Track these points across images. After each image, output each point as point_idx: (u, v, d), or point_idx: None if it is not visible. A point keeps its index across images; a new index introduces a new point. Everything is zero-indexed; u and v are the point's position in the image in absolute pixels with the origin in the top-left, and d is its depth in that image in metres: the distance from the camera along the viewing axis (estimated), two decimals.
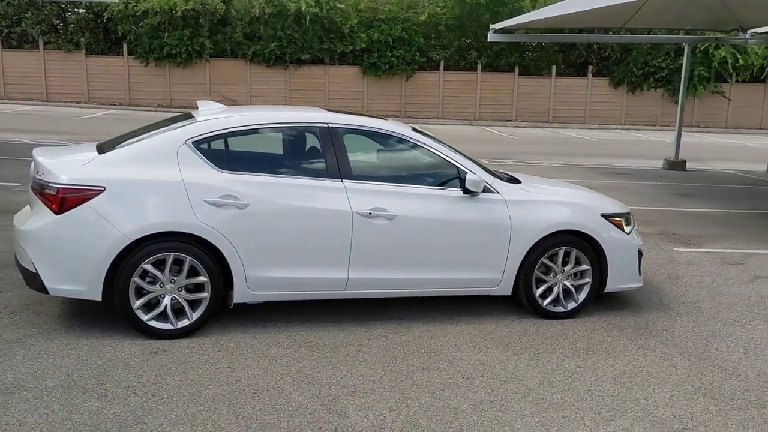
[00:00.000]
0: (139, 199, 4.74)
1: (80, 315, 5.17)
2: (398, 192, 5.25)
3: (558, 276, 5.58)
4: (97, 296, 4.72)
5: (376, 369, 4.53)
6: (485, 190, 5.37)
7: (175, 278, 4.81)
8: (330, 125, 5.26)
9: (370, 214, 5.08)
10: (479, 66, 28.67)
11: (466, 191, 5.30)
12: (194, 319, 4.88)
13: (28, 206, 5.34)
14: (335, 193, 5.08)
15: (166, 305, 4.82)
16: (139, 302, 4.76)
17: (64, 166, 4.83)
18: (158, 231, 4.70)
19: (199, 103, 5.74)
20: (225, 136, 5.10)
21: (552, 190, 5.92)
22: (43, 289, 4.73)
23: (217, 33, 26.73)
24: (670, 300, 6.22)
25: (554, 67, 29.16)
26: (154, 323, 4.81)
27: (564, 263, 5.59)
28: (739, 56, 28.93)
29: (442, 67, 28.47)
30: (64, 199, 4.63)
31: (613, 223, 5.70)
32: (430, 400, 4.13)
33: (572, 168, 15.37)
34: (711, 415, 4.09)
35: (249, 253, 4.88)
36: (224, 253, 4.84)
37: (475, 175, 5.34)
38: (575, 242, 5.56)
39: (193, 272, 4.84)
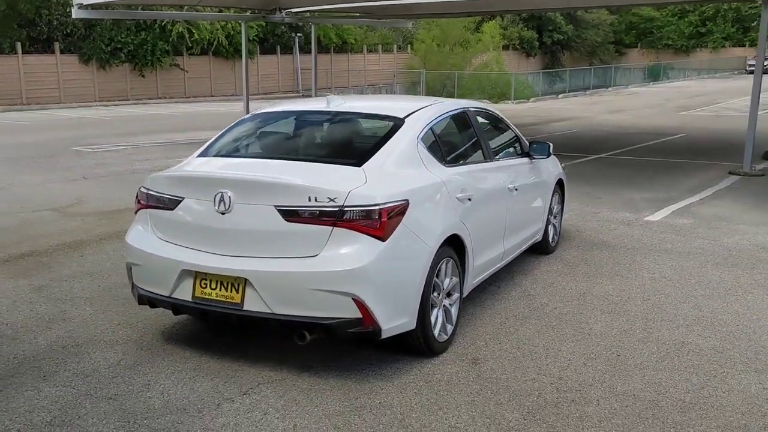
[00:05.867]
0: (427, 207, 4.26)
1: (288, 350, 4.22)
2: (511, 165, 5.76)
3: (555, 216, 6.88)
4: (413, 325, 4.09)
5: (599, 352, 5.13)
6: None
7: (443, 285, 4.47)
8: (469, 110, 5.38)
9: (516, 189, 5.52)
10: None
11: (548, 156, 6.14)
12: (455, 322, 4.62)
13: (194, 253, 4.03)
14: (496, 173, 5.35)
15: (442, 315, 4.45)
16: (432, 318, 4.30)
17: (350, 184, 3.92)
18: (445, 237, 4.32)
19: (329, 97, 5.01)
20: (431, 130, 4.77)
21: None
22: (372, 335, 3.88)
23: None
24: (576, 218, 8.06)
25: (19, 45, 26.41)
26: (440, 337, 4.40)
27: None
28: (194, 31, 31.20)
29: None
30: (388, 222, 3.85)
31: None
32: (669, 334, 5.19)
33: (185, 145, 15.09)
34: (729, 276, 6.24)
35: (475, 243, 4.82)
36: (467, 248, 4.69)
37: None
38: (557, 187, 6.94)
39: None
